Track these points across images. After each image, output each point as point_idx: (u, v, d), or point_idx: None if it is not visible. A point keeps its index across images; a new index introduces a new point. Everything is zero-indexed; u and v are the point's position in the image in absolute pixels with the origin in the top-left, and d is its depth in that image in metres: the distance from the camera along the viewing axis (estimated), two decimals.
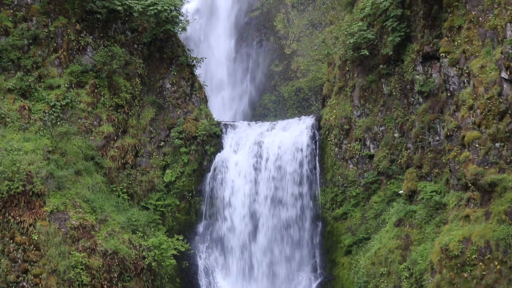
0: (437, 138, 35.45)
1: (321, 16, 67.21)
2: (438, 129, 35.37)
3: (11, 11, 39.68)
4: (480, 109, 30.32)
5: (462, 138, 31.26)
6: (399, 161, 38.21)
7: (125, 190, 40.38)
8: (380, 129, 39.91)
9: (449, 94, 33.39)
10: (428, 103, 36.25)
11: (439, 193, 33.99)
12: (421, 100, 37.01)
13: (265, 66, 69.66)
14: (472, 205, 30.27)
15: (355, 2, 45.23)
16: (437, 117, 35.51)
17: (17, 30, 39.26)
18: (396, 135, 38.82)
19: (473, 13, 31.97)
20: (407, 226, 34.56)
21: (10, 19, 39.47)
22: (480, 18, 31.66)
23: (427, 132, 36.00)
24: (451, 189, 32.59)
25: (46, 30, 40.24)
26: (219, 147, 44.44)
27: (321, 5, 67.53)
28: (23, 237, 33.01)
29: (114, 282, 34.52)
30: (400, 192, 36.75)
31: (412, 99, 37.80)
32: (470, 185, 30.43)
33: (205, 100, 46.30)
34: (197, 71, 47.34)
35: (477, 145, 30.30)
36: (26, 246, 32.90)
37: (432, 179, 35.39)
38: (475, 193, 30.15)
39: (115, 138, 40.94)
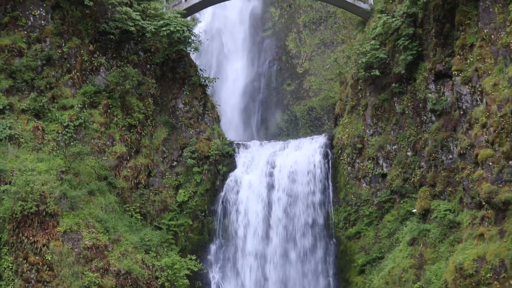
0: (450, 156, 35.33)
1: (333, 35, 67.40)
2: (451, 147, 35.26)
3: (25, 32, 39.98)
4: (493, 127, 30.22)
5: (476, 156, 31.14)
6: (412, 179, 38.10)
7: (138, 210, 40.40)
8: (393, 147, 39.84)
9: (462, 112, 33.31)
10: (441, 122, 36.17)
11: (452, 212, 33.82)
12: (433, 118, 36.94)
13: (277, 85, 69.78)
14: (486, 223, 30.08)
15: (366, 21, 45.33)
16: (450, 135, 35.41)
17: (31, 51, 39.51)
18: (409, 153, 38.73)
19: (485, 31, 31.95)
20: (421, 245, 34.35)
21: (24, 40, 39.76)
22: (493, 36, 31.63)
23: (440, 150, 35.89)
24: (465, 208, 32.41)
25: (59, 51, 40.48)
26: (231, 167, 44.42)
27: (333, 24, 67.76)
28: (37, 257, 33.05)
29: None
30: (414, 210, 36.60)
31: (425, 118, 37.73)
32: (484, 203, 30.27)
33: (217, 119, 46.37)
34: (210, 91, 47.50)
35: (490, 163, 30.17)
36: (39, 267, 32.95)
37: (445, 198, 35.23)
38: (489, 212, 29.99)
39: (128, 158, 41.04)
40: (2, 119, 37.20)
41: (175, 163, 43.34)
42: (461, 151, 32.63)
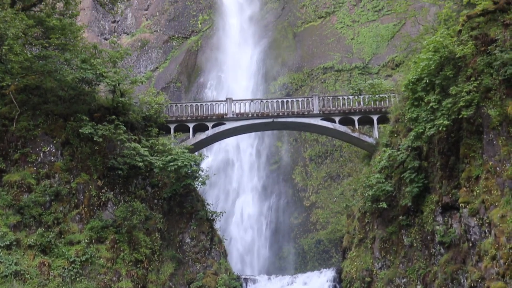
0: None
1: (339, 168, 67.99)
2: (462, 280, 34.75)
3: (35, 168, 40.55)
4: (503, 259, 29.94)
5: None
6: None
7: None
8: (402, 281, 39.30)
9: (470, 244, 33.10)
10: (450, 254, 35.85)
11: None
12: (442, 250, 36.64)
13: (284, 218, 69.75)
14: None
15: (372, 155, 45.87)
16: (459, 268, 34.97)
17: (39, 187, 39.90)
18: (418, 287, 38.13)
19: (490, 163, 32.23)
20: None
21: (33, 176, 40.26)
22: (498, 168, 31.87)
23: (450, 283, 35.36)
24: None
25: (68, 187, 40.87)
26: None
27: (339, 157, 68.49)
28: None
29: None
30: None
31: (434, 250, 37.43)
32: None
33: (224, 254, 46.13)
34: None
35: None
36: None
37: None
38: None
39: None
40: (8, 255, 37.03)
41: None
42: (472, 284, 32.17)
